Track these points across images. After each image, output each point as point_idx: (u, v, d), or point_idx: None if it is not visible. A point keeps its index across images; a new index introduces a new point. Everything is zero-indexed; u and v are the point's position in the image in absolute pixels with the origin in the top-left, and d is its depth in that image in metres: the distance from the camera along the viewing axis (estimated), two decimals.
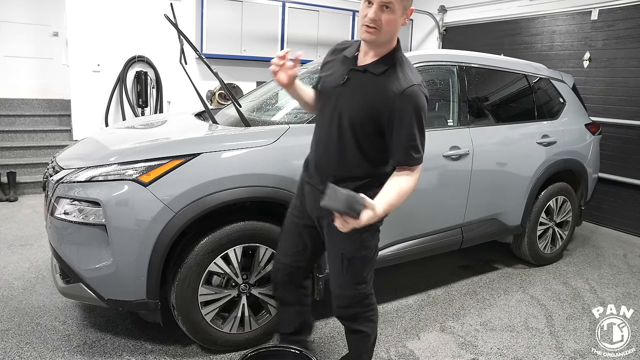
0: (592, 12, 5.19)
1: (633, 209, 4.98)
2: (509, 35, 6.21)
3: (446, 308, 3.17)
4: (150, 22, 5.94)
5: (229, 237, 2.35)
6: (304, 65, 3.89)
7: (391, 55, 1.76)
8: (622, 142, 5.02)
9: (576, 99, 4.15)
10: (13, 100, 6.16)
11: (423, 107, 1.71)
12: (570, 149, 3.88)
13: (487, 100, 3.64)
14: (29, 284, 3.20)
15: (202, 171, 2.28)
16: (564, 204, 3.96)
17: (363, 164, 1.83)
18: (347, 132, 1.79)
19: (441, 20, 7.28)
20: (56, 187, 2.34)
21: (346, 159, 1.83)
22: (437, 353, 2.65)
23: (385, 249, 2.92)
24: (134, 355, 2.48)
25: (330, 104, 1.83)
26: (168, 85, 6.24)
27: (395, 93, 1.68)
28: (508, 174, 3.49)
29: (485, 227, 3.47)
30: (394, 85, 1.70)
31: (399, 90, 1.68)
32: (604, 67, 5.12)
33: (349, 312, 2.03)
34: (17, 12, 6.27)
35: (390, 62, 1.75)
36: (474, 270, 3.81)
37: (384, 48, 1.76)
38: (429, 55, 3.34)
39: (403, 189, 1.74)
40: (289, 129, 2.56)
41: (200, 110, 3.42)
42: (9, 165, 5.38)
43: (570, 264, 4.05)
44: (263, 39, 6.40)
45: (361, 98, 1.75)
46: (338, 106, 1.80)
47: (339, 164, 1.86)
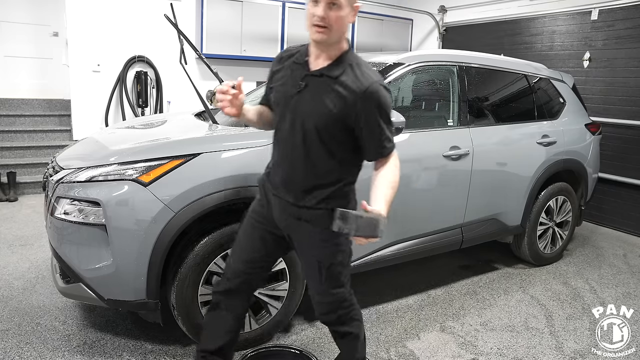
0: (592, 12, 5.18)
1: (633, 209, 4.98)
2: (509, 35, 6.21)
3: (446, 308, 3.17)
4: (150, 22, 5.93)
5: (229, 237, 2.34)
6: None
7: (344, 56, 1.72)
8: (622, 142, 5.02)
9: (576, 99, 4.15)
10: (13, 100, 6.16)
11: (386, 102, 1.70)
12: (570, 149, 3.88)
13: (487, 100, 3.64)
14: (29, 284, 3.20)
15: (202, 171, 2.28)
16: (564, 204, 3.96)
17: (335, 169, 1.78)
18: (313, 139, 1.72)
19: (441, 20, 7.28)
20: (56, 187, 2.34)
21: (316, 166, 1.77)
22: (437, 353, 2.65)
23: (385, 249, 2.93)
24: (134, 355, 2.48)
25: (289, 114, 1.76)
26: (168, 85, 6.24)
27: (357, 93, 1.65)
28: (508, 174, 3.49)
29: (485, 227, 3.47)
30: (355, 85, 1.66)
31: (360, 90, 1.65)
32: (604, 67, 5.12)
33: (332, 317, 1.99)
34: (17, 12, 6.27)
35: (346, 63, 1.71)
36: (474, 270, 3.81)
37: (335, 49, 1.72)
38: (429, 55, 3.34)
39: (393, 180, 1.74)
40: None
41: (200, 110, 3.42)
42: (9, 165, 5.38)
43: (570, 264, 4.05)
44: (263, 39, 6.40)
45: (323, 103, 1.69)
46: (299, 115, 1.73)
47: (307, 174, 1.78)
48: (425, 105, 3.58)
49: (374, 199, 1.69)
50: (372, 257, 2.87)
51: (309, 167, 1.77)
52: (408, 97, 3.54)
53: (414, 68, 3.09)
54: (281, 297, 2.58)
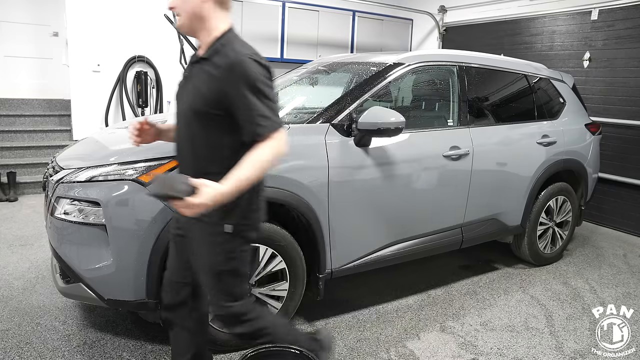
0: (592, 12, 5.18)
1: (633, 209, 4.98)
2: (509, 35, 6.21)
3: (446, 308, 3.17)
4: (150, 22, 5.93)
5: None
6: (304, 65, 3.90)
7: (219, 39, 1.69)
8: (622, 142, 5.02)
9: (576, 99, 4.15)
10: (13, 100, 6.16)
11: (254, 74, 1.59)
12: (570, 149, 3.88)
13: (487, 100, 3.64)
14: (29, 284, 3.20)
15: None
16: (564, 204, 3.96)
17: (216, 155, 1.69)
18: (194, 125, 1.68)
19: (441, 20, 7.28)
20: (56, 187, 2.34)
21: (199, 153, 1.71)
22: (437, 353, 2.65)
23: (385, 249, 2.92)
24: (134, 355, 2.48)
25: (177, 105, 1.78)
26: (168, 85, 6.24)
27: (223, 68, 1.60)
28: (508, 174, 3.49)
29: (485, 227, 3.47)
30: (222, 61, 1.62)
31: (226, 64, 1.60)
32: (604, 67, 5.12)
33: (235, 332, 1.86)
34: (17, 12, 6.28)
35: (219, 44, 1.67)
36: (474, 270, 3.81)
37: (206, 35, 1.70)
38: (429, 55, 3.34)
39: (255, 159, 1.57)
40: (289, 129, 2.55)
41: None
42: (9, 165, 5.38)
43: (570, 264, 4.05)
44: (263, 39, 6.40)
45: (197, 87, 1.67)
46: (181, 103, 1.75)
47: (194, 163, 1.72)
48: (425, 105, 3.58)
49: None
50: (372, 257, 2.87)
51: (194, 155, 1.72)
52: (408, 97, 3.54)
53: (414, 68, 3.09)
54: (281, 297, 2.59)
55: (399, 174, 2.86)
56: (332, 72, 3.60)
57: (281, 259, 2.51)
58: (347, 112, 2.71)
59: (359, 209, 2.72)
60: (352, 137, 2.67)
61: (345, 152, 2.63)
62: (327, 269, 2.68)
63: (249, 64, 1.59)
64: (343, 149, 2.63)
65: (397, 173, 2.84)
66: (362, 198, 2.72)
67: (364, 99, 2.81)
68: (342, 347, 2.63)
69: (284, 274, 2.56)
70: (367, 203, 2.74)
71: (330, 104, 2.79)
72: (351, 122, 2.67)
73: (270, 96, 1.62)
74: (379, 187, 2.78)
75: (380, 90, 2.92)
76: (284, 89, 3.54)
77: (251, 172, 1.56)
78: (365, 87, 2.87)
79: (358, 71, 3.35)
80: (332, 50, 6.77)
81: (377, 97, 2.94)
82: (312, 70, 3.71)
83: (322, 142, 2.58)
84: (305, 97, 3.51)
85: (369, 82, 2.91)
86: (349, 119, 2.69)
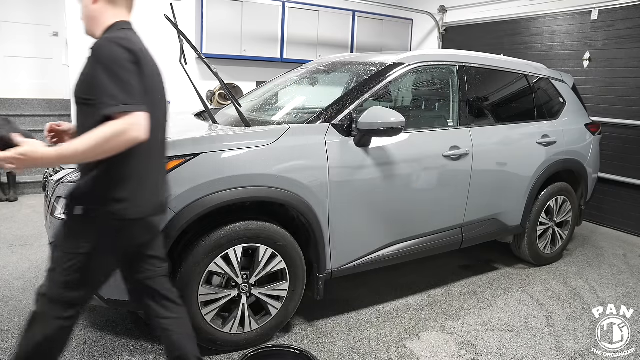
0: (592, 12, 5.18)
1: (633, 209, 4.98)
2: (509, 35, 6.21)
3: (446, 308, 3.17)
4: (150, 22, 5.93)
5: (229, 237, 2.35)
6: (304, 65, 3.90)
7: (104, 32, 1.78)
8: (622, 142, 5.02)
9: (576, 99, 4.15)
10: (13, 100, 6.16)
11: (108, 54, 1.59)
12: (570, 149, 3.88)
13: (487, 100, 3.65)
14: (29, 284, 3.20)
15: (202, 171, 2.28)
16: (564, 204, 3.96)
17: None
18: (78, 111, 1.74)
19: (441, 20, 7.28)
20: (56, 187, 2.34)
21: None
22: (437, 353, 2.65)
23: (385, 249, 2.93)
24: (134, 355, 2.48)
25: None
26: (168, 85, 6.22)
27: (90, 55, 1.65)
28: (508, 174, 3.49)
29: (485, 227, 3.47)
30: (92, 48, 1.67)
31: (91, 50, 1.65)
32: (604, 67, 5.12)
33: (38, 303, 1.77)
34: (17, 12, 6.27)
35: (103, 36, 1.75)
36: (474, 270, 3.81)
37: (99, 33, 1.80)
38: (429, 55, 3.34)
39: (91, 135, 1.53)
40: (289, 129, 2.56)
41: (200, 110, 3.42)
42: None
43: (570, 264, 4.05)
44: (263, 39, 6.40)
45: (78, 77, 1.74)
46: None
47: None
48: (425, 105, 3.58)
49: None
50: (372, 257, 2.87)
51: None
52: (408, 97, 3.54)
53: (414, 68, 3.09)
54: (281, 297, 2.59)
55: (399, 174, 2.86)
56: (332, 72, 3.60)
57: (281, 259, 2.51)
58: (347, 112, 2.72)
59: (359, 209, 2.72)
60: (352, 137, 2.67)
61: (345, 152, 2.64)
62: (327, 269, 2.68)
63: (109, 47, 1.62)
64: (343, 149, 2.63)
65: (397, 173, 2.85)
66: (362, 198, 2.72)
67: (364, 99, 2.81)
68: (342, 347, 2.64)
69: (284, 274, 2.56)
70: (367, 203, 2.74)
71: (330, 104, 2.79)
72: (351, 122, 2.67)
73: (125, 78, 1.58)
74: (379, 187, 2.78)
75: (380, 90, 2.92)
76: (284, 89, 3.54)
77: (81, 146, 1.53)
78: (365, 87, 2.87)
79: (358, 71, 3.35)
80: (332, 50, 6.77)
81: (377, 97, 2.94)
82: (312, 70, 3.71)
83: (322, 142, 2.58)
84: (305, 97, 3.51)
85: (369, 82, 2.91)
86: (349, 119, 2.69)
